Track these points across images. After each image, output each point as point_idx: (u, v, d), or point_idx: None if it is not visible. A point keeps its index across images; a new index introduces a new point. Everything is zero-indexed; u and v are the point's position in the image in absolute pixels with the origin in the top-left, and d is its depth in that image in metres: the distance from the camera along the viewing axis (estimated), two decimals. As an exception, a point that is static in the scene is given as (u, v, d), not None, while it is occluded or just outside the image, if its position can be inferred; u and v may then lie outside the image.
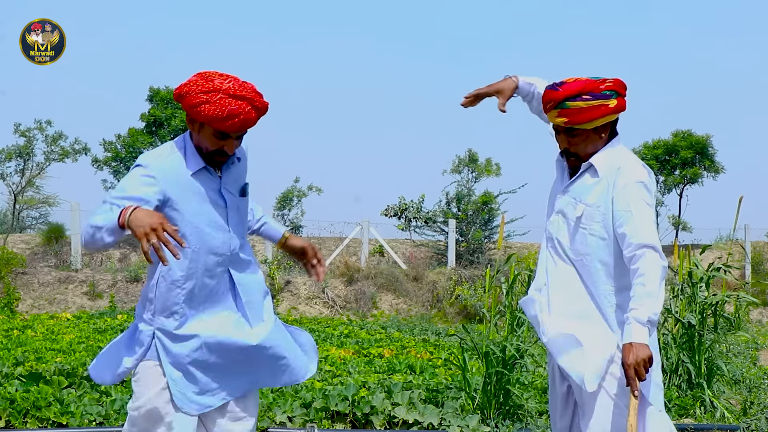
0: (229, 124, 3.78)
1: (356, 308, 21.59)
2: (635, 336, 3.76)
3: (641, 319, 3.76)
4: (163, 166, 3.85)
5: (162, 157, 3.89)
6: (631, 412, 3.78)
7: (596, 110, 3.96)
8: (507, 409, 7.72)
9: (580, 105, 3.95)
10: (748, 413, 8.07)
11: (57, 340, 12.81)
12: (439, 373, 10.00)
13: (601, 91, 3.97)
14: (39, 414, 7.37)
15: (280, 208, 25.82)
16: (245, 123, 3.83)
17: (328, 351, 12.33)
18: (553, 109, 4.03)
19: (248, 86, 3.84)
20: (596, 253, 4.03)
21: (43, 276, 20.87)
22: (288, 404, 7.71)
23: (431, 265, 25.23)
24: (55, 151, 26.75)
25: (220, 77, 3.82)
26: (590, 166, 4.09)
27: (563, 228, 4.14)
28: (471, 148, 27.45)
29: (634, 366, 3.73)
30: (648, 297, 3.79)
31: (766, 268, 27.34)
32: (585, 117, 3.97)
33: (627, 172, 4.01)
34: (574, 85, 3.98)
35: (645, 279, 3.81)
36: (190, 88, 3.80)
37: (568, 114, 3.99)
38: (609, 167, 4.05)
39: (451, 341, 14.49)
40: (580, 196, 4.09)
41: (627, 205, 3.94)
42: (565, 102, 3.98)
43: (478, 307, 20.14)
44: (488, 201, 26.19)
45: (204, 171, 3.94)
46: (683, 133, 29.76)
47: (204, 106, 3.76)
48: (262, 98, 3.87)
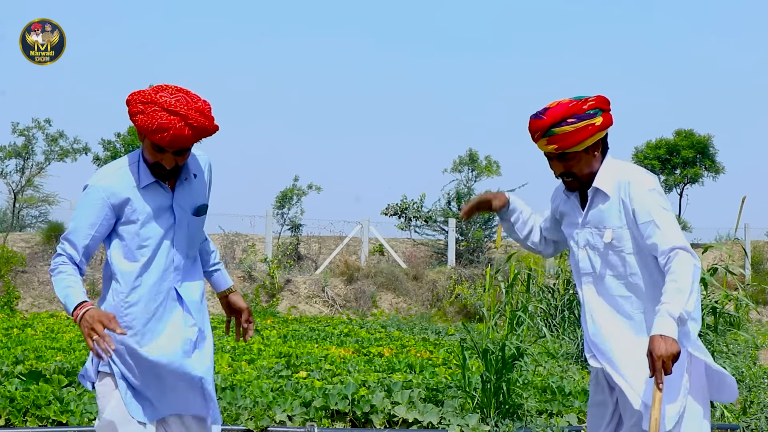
0: (158, 137, 3.78)
1: (356, 307, 21.60)
2: (665, 329, 3.74)
3: (673, 313, 3.77)
4: (111, 183, 3.90)
5: (111, 175, 3.94)
6: (656, 404, 3.76)
7: (583, 131, 3.98)
8: (507, 408, 7.72)
9: (567, 129, 3.97)
10: (748, 412, 8.06)
11: (57, 339, 12.82)
12: (439, 372, 10.00)
13: (585, 112, 3.99)
14: (39, 412, 7.38)
15: (279, 207, 25.79)
16: (176, 138, 3.79)
17: (328, 350, 12.33)
18: (541, 138, 4.05)
19: (192, 104, 3.81)
20: (639, 269, 4.05)
21: (42, 275, 20.88)
22: (288, 403, 7.71)
23: (431, 264, 25.23)
24: (55, 151, 26.72)
25: (165, 90, 3.82)
26: (597, 190, 4.10)
27: (597, 259, 4.13)
28: (471, 148, 27.47)
29: (663, 359, 3.72)
30: (679, 293, 3.80)
31: (766, 267, 27.35)
32: (574, 140, 3.99)
33: (637, 184, 4.02)
34: (557, 110, 4.00)
35: (676, 276, 3.84)
36: (134, 97, 3.84)
37: (556, 140, 4.01)
38: (617, 185, 4.06)
39: (451, 340, 14.49)
40: (601, 222, 4.10)
41: (648, 216, 3.96)
42: (552, 129, 4.00)
43: (477, 306, 20.16)
44: (488, 200, 26.17)
45: (156, 185, 3.97)
46: (685, 133, 29.78)
47: (138, 116, 3.79)
48: (203, 117, 3.83)
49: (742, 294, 11.55)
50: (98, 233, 3.90)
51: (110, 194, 3.87)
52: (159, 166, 3.92)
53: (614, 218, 4.05)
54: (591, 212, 4.13)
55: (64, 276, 3.85)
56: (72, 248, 3.89)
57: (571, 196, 4.24)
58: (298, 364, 10.46)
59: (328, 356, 11.35)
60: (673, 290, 3.81)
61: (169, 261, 4.00)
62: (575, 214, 4.22)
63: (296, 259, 25.33)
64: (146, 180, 3.93)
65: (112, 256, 3.95)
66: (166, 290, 4.01)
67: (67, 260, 3.88)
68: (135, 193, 3.91)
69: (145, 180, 3.93)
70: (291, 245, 25.44)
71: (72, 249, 3.89)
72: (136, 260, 3.93)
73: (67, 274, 3.85)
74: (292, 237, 25.93)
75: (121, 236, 3.92)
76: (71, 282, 3.83)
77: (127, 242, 3.92)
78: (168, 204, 3.99)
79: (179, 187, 4.03)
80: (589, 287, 4.17)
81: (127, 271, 3.93)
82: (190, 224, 4.09)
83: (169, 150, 3.85)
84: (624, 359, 4.03)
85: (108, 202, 3.87)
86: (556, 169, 4.14)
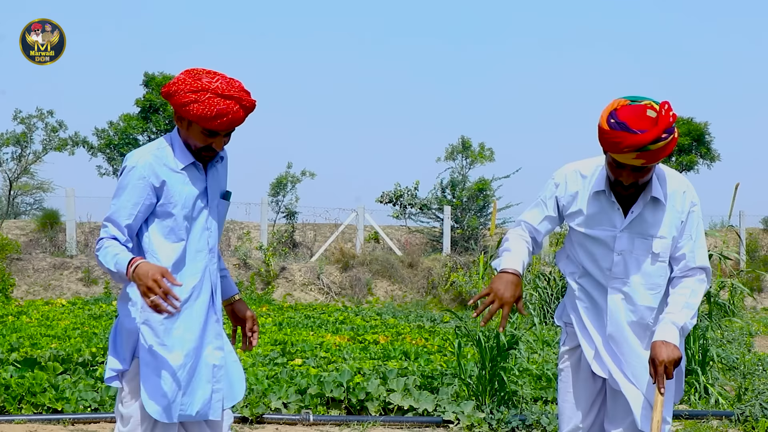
0: (218, 123, 3.81)
1: (351, 294, 21.60)
2: (669, 336, 3.80)
3: (677, 323, 3.83)
4: (152, 161, 3.88)
5: (151, 153, 3.91)
6: (657, 407, 3.81)
7: (671, 145, 3.77)
8: (502, 396, 7.72)
9: (661, 145, 3.72)
10: (743, 399, 8.08)
11: (52, 326, 12.82)
12: (434, 360, 10.01)
13: (671, 125, 3.74)
14: (34, 400, 7.37)
15: (274, 194, 25.77)
16: (233, 122, 3.85)
17: (324, 337, 12.34)
18: (631, 152, 3.75)
19: (236, 85, 3.86)
20: (667, 276, 4.06)
21: (38, 262, 20.85)
22: (283, 390, 7.72)
23: (426, 251, 25.24)
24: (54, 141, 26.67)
25: (208, 75, 3.84)
26: (653, 198, 3.98)
27: (633, 266, 4.02)
28: (464, 135, 27.40)
29: (665, 364, 3.76)
30: (687, 308, 3.88)
31: (761, 254, 27.40)
32: (663, 154, 3.78)
33: (690, 196, 4.01)
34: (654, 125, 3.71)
35: (689, 292, 3.90)
36: (179, 87, 3.81)
37: (648, 156, 3.74)
38: (672, 194, 3.99)
39: (446, 328, 14.50)
40: (648, 230, 3.99)
41: (693, 231, 3.99)
42: (648, 146, 3.71)
43: (473, 293, 20.15)
44: (483, 187, 26.20)
45: (192, 167, 3.97)
46: (681, 120, 29.79)
47: (193, 105, 3.78)
48: (250, 96, 3.90)
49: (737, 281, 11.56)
50: (140, 213, 3.86)
51: (150, 174, 3.85)
52: (208, 149, 3.93)
53: (665, 228, 3.97)
54: (637, 218, 4.00)
55: (111, 248, 3.79)
56: (116, 229, 3.83)
57: (605, 196, 4.04)
58: (294, 351, 10.46)
59: (323, 344, 11.36)
60: (682, 303, 3.88)
61: (204, 242, 4.00)
62: (611, 216, 4.04)
63: (291, 246, 25.32)
64: (184, 162, 3.93)
65: (151, 237, 3.89)
66: (202, 271, 3.99)
67: (111, 239, 3.82)
68: (173, 175, 3.90)
69: (183, 162, 3.93)
70: (286, 233, 25.43)
71: (116, 230, 3.83)
72: (175, 241, 3.91)
73: (114, 245, 3.79)
74: (288, 224, 25.92)
75: (160, 217, 3.89)
76: (117, 249, 3.77)
77: (166, 223, 3.89)
78: (203, 186, 4.00)
79: (211, 170, 4.04)
80: (616, 293, 4.05)
81: (168, 251, 3.89)
82: (219, 207, 4.10)
83: (221, 133, 3.89)
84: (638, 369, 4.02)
85: (149, 182, 3.84)
86: (626, 179, 3.87)
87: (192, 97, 3.78)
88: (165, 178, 3.88)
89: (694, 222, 3.99)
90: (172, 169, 3.91)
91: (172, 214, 3.89)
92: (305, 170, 26.12)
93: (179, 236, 3.91)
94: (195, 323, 3.95)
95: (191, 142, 3.91)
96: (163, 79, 25.26)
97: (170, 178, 3.89)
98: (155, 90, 25.14)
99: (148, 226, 3.91)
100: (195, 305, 3.96)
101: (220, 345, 4.06)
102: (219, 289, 4.13)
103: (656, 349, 3.80)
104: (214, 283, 4.07)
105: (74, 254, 21.63)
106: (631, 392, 4.03)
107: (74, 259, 21.23)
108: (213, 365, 4.01)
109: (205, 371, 3.99)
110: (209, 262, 4.04)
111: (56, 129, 26.55)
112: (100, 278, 20.53)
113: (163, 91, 3.88)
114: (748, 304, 22.66)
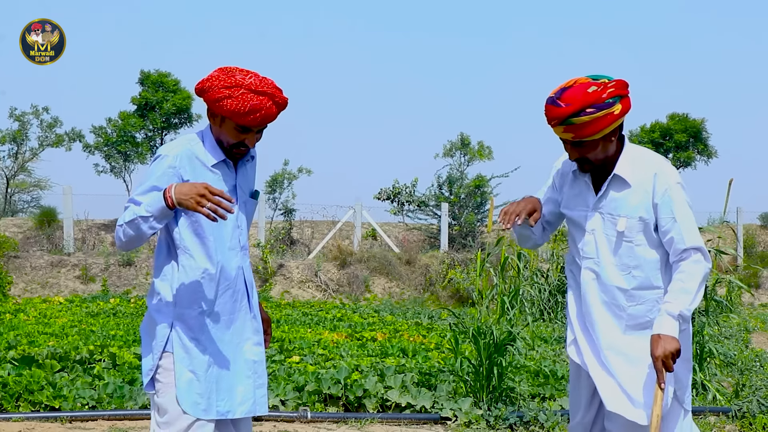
0: (251, 118, 3.81)
1: (349, 292, 21.60)
2: (665, 328, 3.78)
3: (672, 312, 3.79)
4: (185, 154, 3.88)
5: (183, 146, 3.91)
6: (657, 402, 3.79)
7: (602, 121, 3.83)
8: (499, 392, 7.73)
9: (585, 120, 3.81)
10: (740, 395, 8.09)
11: (49, 324, 12.81)
12: (432, 357, 10.01)
13: (605, 101, 3.82)
14: (31, 398, 7.37)
15: (270, 191, 25.78)
16: (266, 118, 3.86)
17: (321, 334, 12.34)
18: (558, 125, 3.90)
19: (269, 82, 3.87)
20: (646, 261, 4.00)
21: (35, 260, 20.84)
22: (281, 388, 7.71)
23: (424, 248, 25.23)
24: (50, 137, 26.67)
25: (241, 73, 3.84)
26: (616, 177, 4.01)
27: (603, 246, 4.05)
28: (463, 132, 27.40)
29: (662, 358, 3.75)
30: (684, 293, 3.83)
31: (758, 251, 27.41)
32: (592, 130, 3.84)
33: (664, 177, 3.95)
34: (576, 98, 3.82)
35: (684, 276, 3.86)
36: (213, 83, 3.82)
37: (574, 129, 3.86)
38: (640, 174, 3.98)
39: (444, 324, 14.50)
40: (616, 210, 4.01)
41: (671, 212, 3.93)
42: (570, 119, 3.84)
43: (470, 290, 20.16)
44: (481, 184, 26.19)
45: (223, 164, 3.96)
46: (679, 116, 29.79)
47: (226, 100, 3.78)
48: (282, 93, 3.91)
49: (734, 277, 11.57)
50: None
51: (181, 165, 3.84)
52: (240, 145, 3.92)
53: (631, 208, 3.98)
54: (607, 198, 4.04)
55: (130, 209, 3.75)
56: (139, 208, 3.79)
57: (581, 176, 4.13)
58: (291, 348, 10.46)
59: (321, 341, 11.36)
60: (678, 290, 3.84)
61: (236, 240, 3.99)
62: (586, 196, 4.12)
63: (289, 243, 25.32)
64: (215, 158, 3.93)
65: (182, 232, 3.87)
66: (236, 268, 3.98)
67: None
68: (203, 170, 3.89)
69: (214, 158, 3.92)
70: (283, 230, 25.43)
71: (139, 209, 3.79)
72: (206, 237, 3.88)
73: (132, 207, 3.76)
74: (285, 222, 25.92)
75: (190, 213, 3.85)
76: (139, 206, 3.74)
77: (198, 219, 3.86)
78: (233, 184, 3.99)
79: (241, 168, 4.03)
80: (588, 272, 4.10)
81: (200, 247, 3.87)
82: (247, 206, 4.09)
83: (254, 129, 3.90)
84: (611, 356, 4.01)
85: (178, 172, 3.83)
86: (571, 154, 4.01)
87: (226, 92, 3.78)
88: (196, 171, 3.87)
89: (673, 202, 3.93)
90: (203, 163, 3.90)
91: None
92: (302, 167, 26.14)
93: (210, 233, 3.89)
94: (230, 320, 3.95)
95: (224, 138, 3.90)
96: (159, 76, 25.24)
97: (201, 173, 3.88)
98: (151, 88, 25.12)
99: (177, 221, 3.88)
100: (230, 302, 3.96)
101: (258, 341, 4.07)
102: (254, 287, 4.12)
103: (652, 344, 3.79)
104: (248, 280, 4.06)
105: (72, 252, 21.62)
106: (600, 379, 4.03)
107: (72, 256, 21.22)
108: (253, 361, 4.01)
109: (245, 367, 3.99)
110: (242, 259, 4.03)
111: (52, 125, 26.54)
112: (97, 276, 20.52)
113: (197, 87, 3.89)
114: (746, 301, 22.68)
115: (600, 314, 4.05)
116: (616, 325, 4.02)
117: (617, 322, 4.02)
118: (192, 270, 3.87)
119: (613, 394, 3.99)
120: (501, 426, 7.29)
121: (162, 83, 25.20)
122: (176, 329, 3.86)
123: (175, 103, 24.76)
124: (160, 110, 25.08)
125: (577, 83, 3.89)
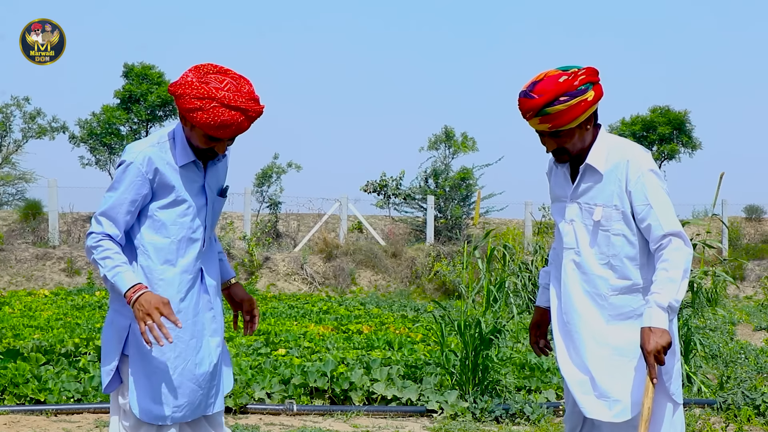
0: (221, 132, 3.74)
1: (335, 284, 21.60)
2: (655, 320, 3.75)
3: (662, 303, 3.76)
4: (151, 156, 3.82)
5: (151, 147, 3.84)
6: (648, 394, 3.78)
7: (577, 108, 3.85)
8: (485, 385, 7.74)
9: (560, 108, 3.83)
10: (725, 387, 8.13)
11: (35, 317, 12.78)
12: (418, 349, 10.02)
13: (577, 88, 3.84)
14: (17, 391, 7.35)
15: (259, 185, 25.71)
16: (237, 131, 3.79)
17: (307, 327, 12.34)
18: (533, 117, 3.91)
19: (244, 92, 3.75)
20: (623, 251, 3.97)
21: (20, 253, 20.77)
22: (267, 380, 7.71)
23: (410, 241, 25.24)
24: (33, 129, 26.56)
25: (216, 80, 3.72)
26: (589, 166, 4.01)
27: (581, 235, 4.06)
28: (447, 125, 27.35)
29: (653, 352, 3.73)
30: (670, 282, 3.78)
31: (743, 243, 27.52)
32: (567, 118, 3.86)
33: (636, 164, 3.94)
34: (547, 88, 3.86)
35: (668, 264, 3.81)
36: (185, 90, 3.70)
37: (550, 120, 3.88)
38: (613, 162, 3.98)
39: (430, 317, 14.52)
40: (592, 199, 4.02)
41: (645, 198, 3.90)
42: (544, 109, 3.85)
43: (456, 283, 20.18)
44: (466, 177, 26.19)
45: (192, 165, 3.91)
46: (661, 109, 29.82)
47: (197, 113, 3.69)
48: (257, 104, 3.79)
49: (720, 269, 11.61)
50: (136, 209, 3.81)
51: (149, 170, 3.79)
52: (209, 151, 3.88)
53: (606, 196, 3.97)
54: (581, 187, 4.05)
55: (110, 254, 3.74)
56: (112, 225, 3.77)
57: (561, 168, 4.14)
58: (277, 341, 10.46)
59: (306, 334, 11.36)
60: (664, 279, 3.79)
61: (198, 239, 3.94)
62: (564, 187, 4.13)
63: (275, 236, 25.28)
64: (183, 159, 3.87)
65: (143, 232, 3.85)
66: (197, 270, 3.95)
67: (107, 238, 3.77)
68: (171, 172, 3.84)
69: (183, 159, 3.86)
70: (270, 223, 25.39)
71: (112, 227, 3.77)
72: (168, 237, 3.85)
73: (114, 252, 3.75)
74: (271, 214, 25.87)
75: (155, 213, 3.83)
76: (119, 261, 3.73)
77: (161, 219, 3.83)
78: (201, 184, 3.94)
79: (210, 167, 3.99)
80: (569, 263, 4.09)
81: (160, 247, 3.84)
82: (215, 204, 4.05)
83: (224, 140, 3.84)
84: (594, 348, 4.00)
85: (147, 178, 3.78)
86: (548, 145, 4.02)
87: (197, 104, 3.68)
88: (162, 173, 3.82)
89: (647, 189, 3.91)
90: (170, 165, 3.85)
91: (166, 210, 3.85)
92: (291, 162, 26.07)
93: (171, 232, 3.86)
94: (189, 321, 3.90)
95: (194, 142, 3.85)
96: (143, 69, 25.16)
97: (168, 174, 3.83)
98: (135, 81, 25.03)
99: (140, 221, 3.85)
100: (190, 303, 3.92)
101: (218, 342, 4.03)
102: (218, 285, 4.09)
103: (642, 338, 3.77)
104: (212, 280, 4.03)
105: (57, 245, 21.54)
106: (569, 373, 4.04)
107: (57, 249, 21.15)
108: (210, 362, 3.97)
109: (201, 369, 3.94)
110: (206, 260, 4.00)
111: (34, 116, 26.44)
112: (82, 269, 20.46)
113: (170, 90, 3.79)
114: (731, 293, 22.78)
115: (582, 304, 4.03)
116: (600, 315, 4.00)
117: (600, 311, 4.00)
118: (151, 271, 3.84)
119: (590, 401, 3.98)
120: (487, 418, 7.30)
121: (146, 75, 25.13)
122: (134, 332, 3.81)
123: (159, 95, 24.67)
124: (145, 103, 24.99)
125: (547, 76, 3.91)
